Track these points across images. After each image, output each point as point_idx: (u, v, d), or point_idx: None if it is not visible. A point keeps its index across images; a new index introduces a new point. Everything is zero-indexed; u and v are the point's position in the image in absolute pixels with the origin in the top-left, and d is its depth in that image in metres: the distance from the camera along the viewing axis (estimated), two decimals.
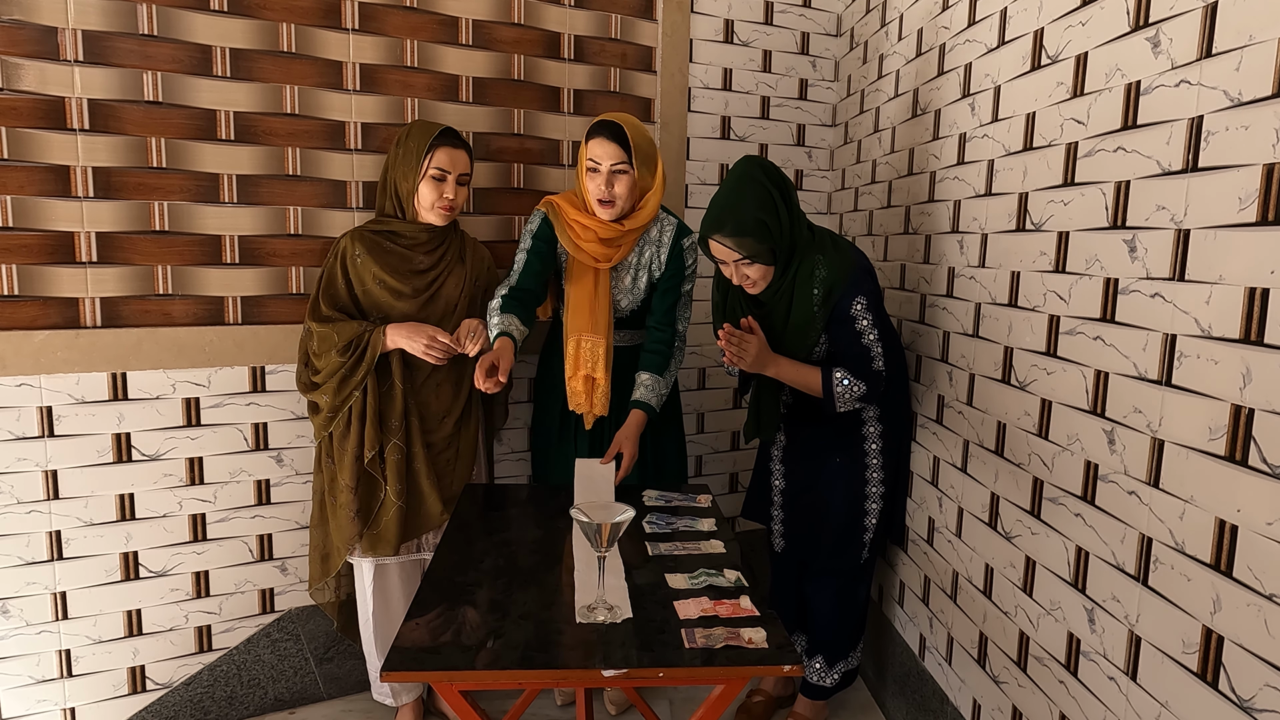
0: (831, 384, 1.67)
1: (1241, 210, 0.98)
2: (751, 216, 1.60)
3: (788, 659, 1.12)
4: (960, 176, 1.74)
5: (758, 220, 1.60)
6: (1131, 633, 1.18)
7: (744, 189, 1.62)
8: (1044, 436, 1.41)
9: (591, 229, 1.82)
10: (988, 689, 1.61)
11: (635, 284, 1.92)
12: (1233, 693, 0.99)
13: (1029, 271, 1.46)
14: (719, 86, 2.42)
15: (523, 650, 1.13)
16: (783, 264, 1.67)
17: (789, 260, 1.68)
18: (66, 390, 1.77)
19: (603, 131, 1.77)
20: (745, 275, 1.66)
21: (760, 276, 1.66)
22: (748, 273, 1.66)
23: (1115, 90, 1.22)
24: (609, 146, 1.76)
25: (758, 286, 1.69)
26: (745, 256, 1.61)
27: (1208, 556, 1.03)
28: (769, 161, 1.70)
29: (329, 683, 2.13)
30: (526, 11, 2.14)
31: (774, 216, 1.62)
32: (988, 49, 1.62)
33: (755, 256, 1.62)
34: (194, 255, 1.86)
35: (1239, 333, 0.98)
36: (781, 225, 1.63)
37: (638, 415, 1.84)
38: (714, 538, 1.55)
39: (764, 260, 1.63)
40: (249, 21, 1.85)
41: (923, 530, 1.92)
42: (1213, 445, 1.02)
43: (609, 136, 1.76)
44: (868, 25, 2.31)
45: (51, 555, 1.80)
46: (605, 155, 1.76)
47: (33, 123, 1.68)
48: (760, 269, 1.65)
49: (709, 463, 2.60)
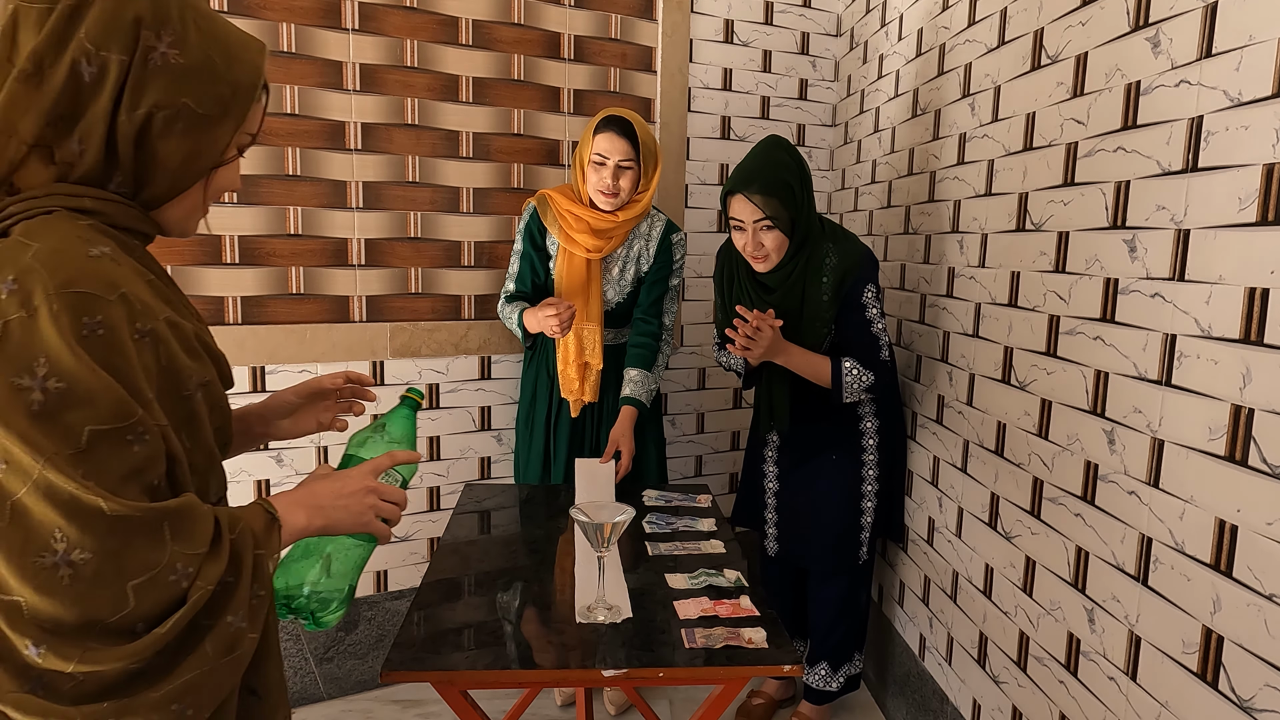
0: (841, 373, 1.67)
1: (1241, 210, 0.98)
2: (780, 179, 1.62)
3: (787, 659, 1.12)
4: (960, 176, 1.74)
5: (786, 183, 1.63)
6: (1131, 633, 1.18)
7: (774, 156, 1.66)
8: (1044, 436, 1.41)
9: (584, 220, 1.84)
10: (988, 689, 1.61)
11: (623, 276, 1.93)
12: (1233, 693, 0.99)
13: (1029, 271, 1.46)
14: (719, 86, 2.42)
15: (523, 650, 1.13)
16: (795, 246, 1.67)
17: (800, 246, 1.68)
18: None
19: (613, 127, 1.78)
20: (760, 243, 1.66)
21: (774, 248, 1.66)
22: (764, 240, 1.65)
23: (1115, 90, 1.22)
24: (619, 142, 1.77)
25: (770, 260, 1.68)
26: (767, 218, 1.62)
27: (1208, 556, 1.03)
28: (794, 146, 1.73)
29: (329, 683, 2.13)
30: (526, 11, 2.14)
31: (799, 188, 1.65)
32: (988, 49, 1.62)
33: (776, 220, 1.62)
34: (194, 255, 1.86)
35: (1239, 333, 0.98)
36: (800, 202, 1.65)
37: (629, 411, 1.85)
38: (714, 538, 1.55)
39: (783, 228, 1.64)
40: (249, 21, 1.84)
41: (923, 530, 1.92)
42: (1213, 445, 1.02)
43: (619, 132, 1.77)
44: (868, 25, 2.31)
45: None
46: (614, 150, 1.77)
47: None
48: (777, 238, 1.65)
49: (709, 463, 2.59)
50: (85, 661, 0.58)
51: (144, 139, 0.66)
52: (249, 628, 0.66)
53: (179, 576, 0.61)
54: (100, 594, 0.58)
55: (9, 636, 0.57)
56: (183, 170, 0.69)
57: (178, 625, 0.61)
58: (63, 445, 0.58)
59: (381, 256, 2.06)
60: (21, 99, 0.62)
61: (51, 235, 0.61)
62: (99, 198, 0.66)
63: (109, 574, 0.58)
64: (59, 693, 0.58)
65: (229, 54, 0.70)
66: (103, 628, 0.59)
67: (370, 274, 2.06)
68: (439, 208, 2.11)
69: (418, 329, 2.12)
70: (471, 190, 2.14)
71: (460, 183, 2.12)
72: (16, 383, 0.57)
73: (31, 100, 0.62)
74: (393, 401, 2.10)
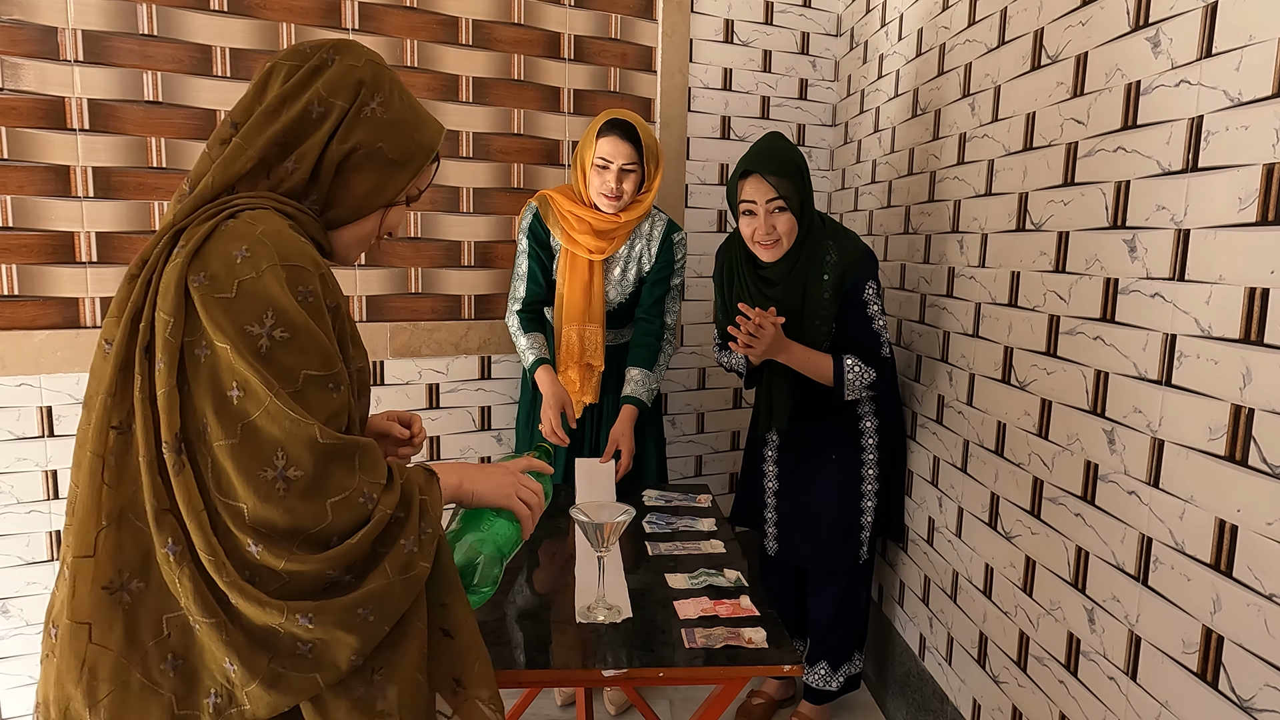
0: (842, 370, 1.68)
1: (1241, 210, 0.98)
2: (792, 160, 1.65)
3: (787, 659, 1.12)
4: (960, 176, 1.74)
5: (798, 166, 1.66)
6: (1131, 633, 1.18)
7: (781, 144, 1.69)
8: (1044, 436, 1.41)
9: (586, 221, 1.83)
10: (988, 689, 1.61)
11: (624, 276, 1.93)
12: (1233, 693, 0.99)
13: (1029, 271, 1.46)
14: (719, 86, 2.42)
15: (523, 650, 1.13)
16: (800, 236, 1.68)
17: (803, 238, 1.69)
18: (66, 390, 1.77)
19: (616, 130, 1.77)
20: (772, 227, 1.66)
21: (786, 232, 1.67)
22: (775, 223, 1.66)
23: (1115, 90, 1.22)
24: (622, 146, 1.76)
25: (780, 246, 1.68)
26: (780, 198, 1.63)
27: (1208, 556, 1.03)
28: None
29: None
30: (526, 11, 2.14)
31: (805, 174, 1.68)
32: (988, 49, 1.62)
33: (788, 203, 1.63)
34: None
35: (1239, 333, 0.98)
36: (807, 188, 1.68)
37: (629, 410, 1.85)
38: (714, 538, 1.55)
39: (794, 211, 1.65)
40: (249, 21, 1.85)
41: (923, 530, 1.92)
42: (1213, 445, 1.02)
43: (623, 136, 1.77)
44: (868, 25, 2.31)
45: (51, 555, 1.80)
46: (618, 154, 1.77)
47: (33, 123, 1.68)
48: (789, 221, 1.66)
49: (709, 463, 2.60)
50: (292, 562, 0.71)
51: (343, 168, 0.84)
52: (420, 554, 0.78)
53: (365, 500, 0.75)
54: (306, 507, 0.71)
55: (236, 535, 0.70)
56: (364, 200, 0.86)
57: (365, 539, 0.74)
58: (285, 384, 0.72)
59: (381, 256, 2.06)
60: (261, 126, 0.81)
61: (271, 222, 0.77)
62: (298, 208, 0.82)
63: (314, 491, 0.72)
64: (269, 588, 0.71)
65: (418, 121, 0.89)
66: (306, 536, 0.72)
67: (370, 274, 2.06)
68: (439, 208, 2.11)
69: (418, 329, 2.12)
70: (471, 190, 2.14)
71: (460, 182, 2.12)
72: (247, 329, 0.71)
73: (267, 127, 0.80)
74: (395, 403, 2.10)
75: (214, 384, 0.71)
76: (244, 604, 0.70)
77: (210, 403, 0.71)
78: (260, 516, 0.70)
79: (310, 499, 0.71)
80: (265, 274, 0.72)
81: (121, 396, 0.73)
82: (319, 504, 0.72)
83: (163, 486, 0.71)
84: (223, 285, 0.72)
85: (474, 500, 0.92)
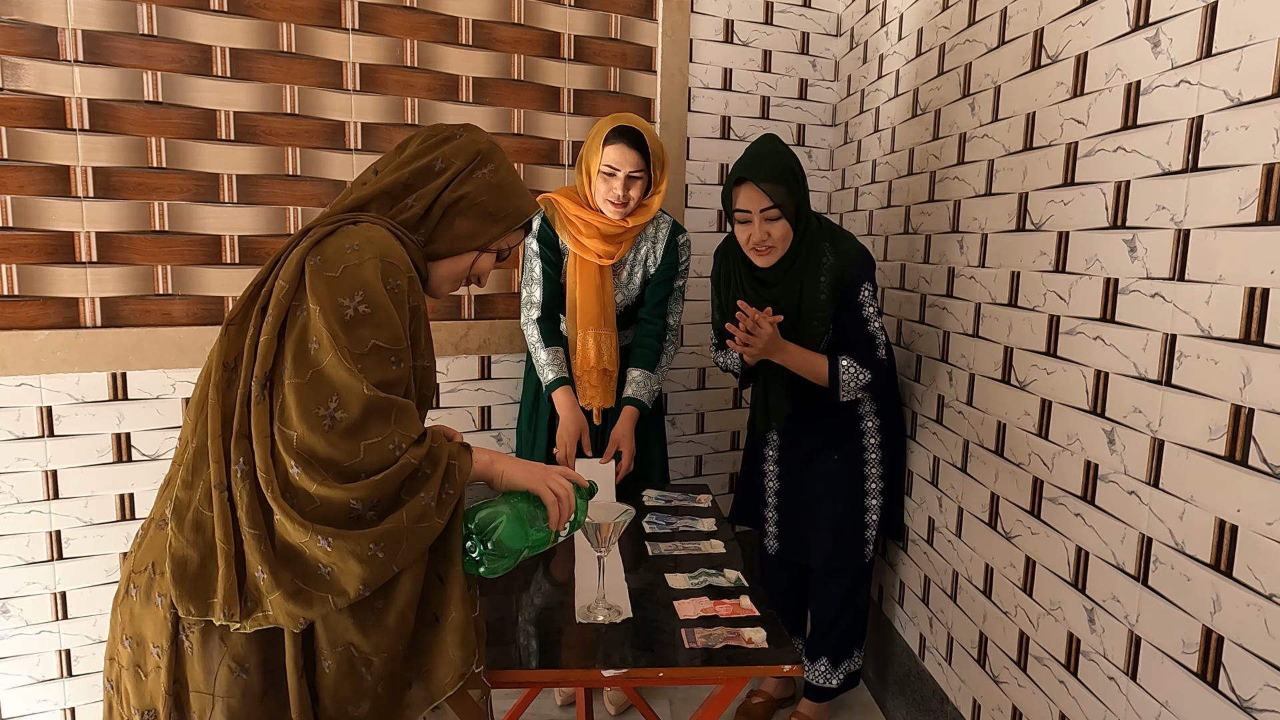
0: (838, 371, 1.67)
1: (1241, 210, 0.98)
2: (785, 166, 1.65)
3: (787, 659, 1.12)
4: (960, 176, 1.74)
5: (792, 171, 1.65)
6: (1131, 633, 1.18)
7: (775, 148, 1.68)
8: (1044, 436, 1.41)
9: (594, 225, 1.82)
10: (988, 689, 1.61)
11: (631, 279, 1.93)
12: (1233, 693, 0.99)
13: (1029, 271, 1.46)
14: (719, 86, 2.42)
15: (523, 650, 1.13)
16: (796, 239, 1.68)
17: (800, 241, 1.69)
18: (66, 390, 1.77)
19: (623, 138, 1.75)
20: (767, 234, 1.66)
21: (780, 238, 1.66)
22: (770, 230, 1.65)
23: (1115, 90, 1.22)
24: (629, 154, 1.75)
25: (775, 252, 1.68)
26: (775, 205, 1.62)
27: (1208, 556, 1.03)
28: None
29: None
30: (526, 11, 2.14)
31: (800, 178, 1.68)
32: (988, 49, 1.62)
33: (783, 209, 1.63)
34: (194, 255, 1.86)
35: (1239, 333, 0.98)
36: (802, 193, 1.67)
37: (630, 411, 1.85)
38: (714, 538, 1.55)
39: (789, 217, 1.65)
40: (249, 21, 1.85)
41: (923, 530, 1.92)
42: (1213, 445, 1.02)
43: (630, 144, 1.75)
44: (868, 25, 2.31)
45: (51, 555, 1.80)
46: (625, 162, 1.75)
47: (33, 123, 1.69)
48: (783, 228, 1.66)
49: (709, 463, 2.60)
50: (323, 487, 0.85)
51: (450, 210, 1.03)
52: (436, 511, 0.91)
53: (395, 448, 0.89)
54: (344, 443, 0.86)
55: (284, 458, 0.85)
56: (461, 240, 1.05)
57: (387, 480, 0.87)
58: (355, 346, 0.88)
59: None
60: (394, 171, 1.03)
61: (382, 233, 0.96)
62: (408, 236, 1.00)
63: (353, 432, 0.86)
64: (303, 510, 0.85)
65: (519, 191, 1.09)
66: (339, 469, 0.86)
67: None
68: None
69: None
70: None
71: None
72: (340, 301, 0.88)
73: (398, 171, 1.02)
74: None
75: (301, 337, 0.88)
76: (282, 519, 0.84)
77: (293, 350, 0.87)
78: (305, 443, 0.85)
79: (348, 438, 0.86)
80: (366, 263, 0.90)
81: (234, 342, 0.92)
82: (355, 443, 0.86)
83: (245, 414, 0.87)
84: (331, 266, 0.90)
85: (503, 480, 1.03)
